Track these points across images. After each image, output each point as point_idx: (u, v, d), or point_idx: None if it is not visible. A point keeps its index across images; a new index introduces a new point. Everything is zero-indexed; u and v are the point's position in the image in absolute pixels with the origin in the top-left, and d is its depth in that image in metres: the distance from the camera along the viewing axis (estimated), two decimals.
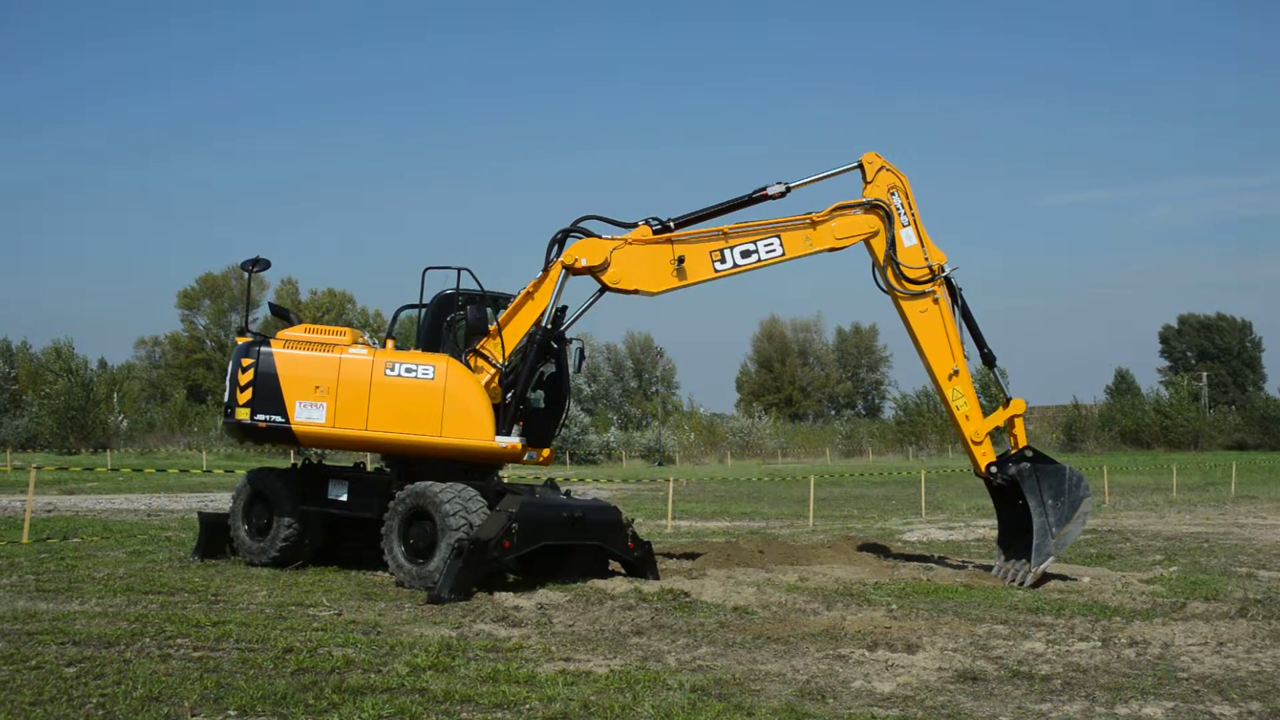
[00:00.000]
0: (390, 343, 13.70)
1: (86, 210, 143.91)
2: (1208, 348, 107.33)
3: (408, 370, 13.05)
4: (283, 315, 14.87)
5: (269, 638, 9.13)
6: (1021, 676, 8.10)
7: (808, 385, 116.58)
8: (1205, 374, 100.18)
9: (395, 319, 14.81)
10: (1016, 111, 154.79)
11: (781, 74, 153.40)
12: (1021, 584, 12.71)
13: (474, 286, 13.58)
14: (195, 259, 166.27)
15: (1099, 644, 9.30)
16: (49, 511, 23.16)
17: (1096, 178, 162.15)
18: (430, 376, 12.97)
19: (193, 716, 6.80)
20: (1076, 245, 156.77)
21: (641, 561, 13.21)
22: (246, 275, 14.74)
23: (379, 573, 12.97)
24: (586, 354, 15.20)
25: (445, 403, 12.89)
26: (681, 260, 13.41)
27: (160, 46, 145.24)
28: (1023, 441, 13.58)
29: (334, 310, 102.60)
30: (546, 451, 13.79)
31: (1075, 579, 13.23)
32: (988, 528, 21.47)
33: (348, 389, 13.14)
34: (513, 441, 12.95)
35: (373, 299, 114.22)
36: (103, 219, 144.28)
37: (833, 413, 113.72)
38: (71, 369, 72.15)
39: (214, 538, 14.41)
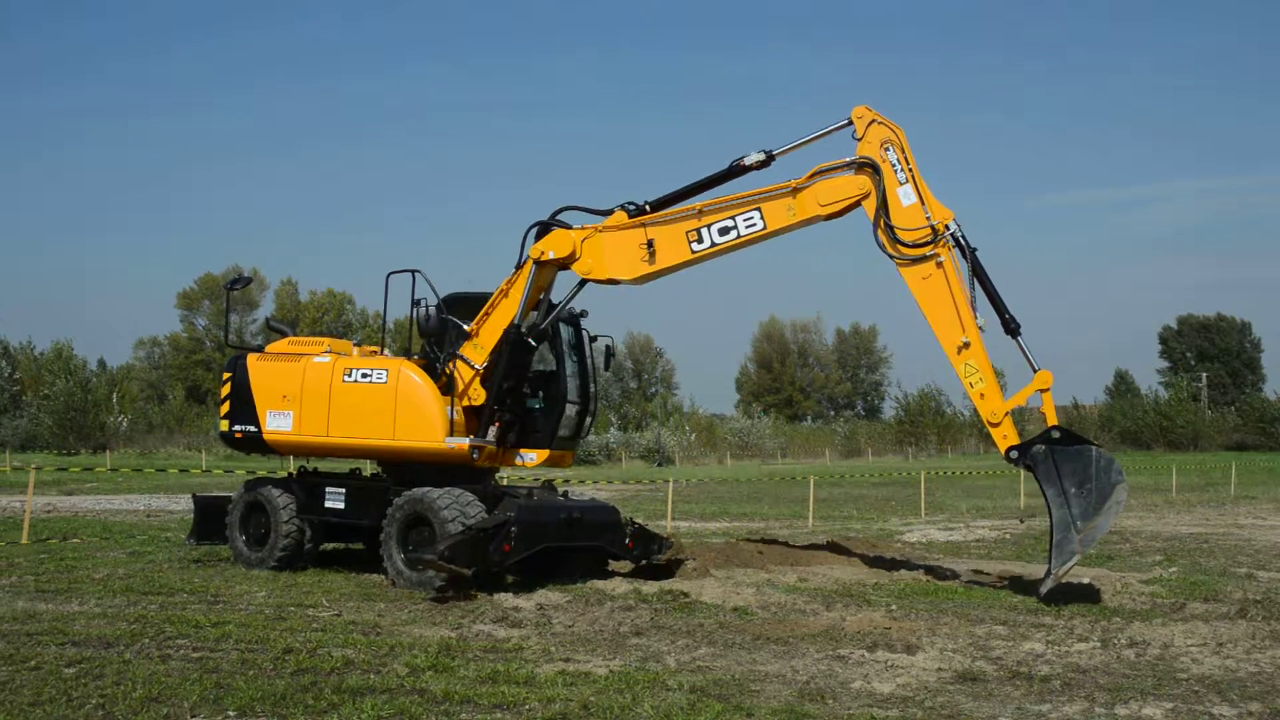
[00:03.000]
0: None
1: (88, 212, 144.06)
2: (1207, 348, 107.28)
3: (363, 375, 13.20)
4: (275, 329, 15.38)
5: (269, 638, 9.14)
6: (1021, 677, 8.10)
7: (807, 386, 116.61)
8: (1205, 375, 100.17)
9: (413, 328, 14.31)
10: (1016, 112, 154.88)
11: (778, 73, 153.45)
12: (1040, 594, 11.38)
13: (428, 288, 13.33)
14: (195, 260, 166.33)
15: (1098, 645, 9.30)
16: (48, 512, 23.16)
17: (1096, 178, 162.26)
18: (383, 380, 13.07)
19: (192, 717, 6.80)
20: (1076, 245, 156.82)
21: (643, 548, 13.28)
22: (227, 293, 15.45)
23: (378, 574, 12.96)
24: (615, 351, 14.81)
25: (397, 405, 12.95)
26: (651, 244, 12.75)
27: (167, 60, 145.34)
28: (1051, 420, 11.95)
29: (334, 311, 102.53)
30: (545, 453, 13.56)
31: (1076, 580, 13.20)
32: (987, 528, 21.49)
33: (311, 396, 13.45)
34: (460, 443, 12.72)
35: (373, 300, 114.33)
36: (104, 220, 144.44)
37: (832, 413, 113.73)
38: (71, 369, 72.13)
39: (209, 520, 14.53)
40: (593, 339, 14.19)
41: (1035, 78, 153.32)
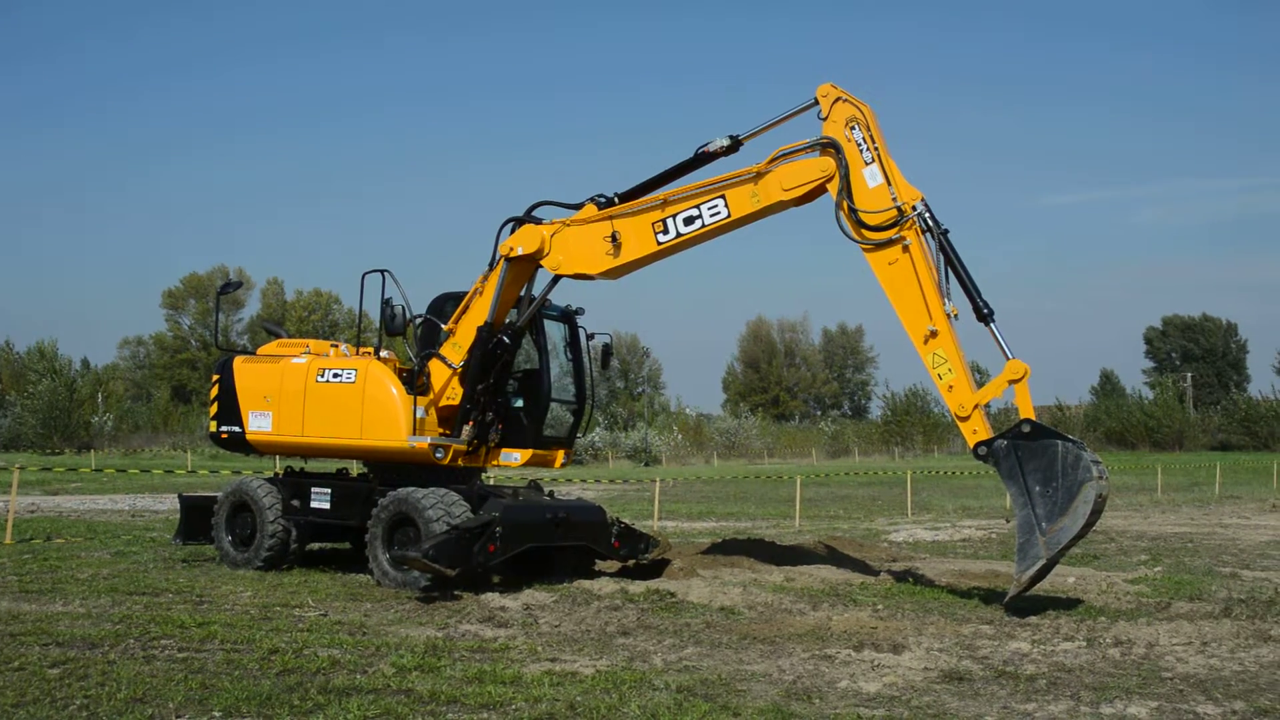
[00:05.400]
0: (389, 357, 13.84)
1: (71, 210, 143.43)
2: (1192, 349, 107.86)
3: (334, 375, 13.29)
4: (269, 331, 15.67)
5: (254, 638, 9.11)
6: (1007, 676, 8.12)
7: (794, 386, 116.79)
8: (1190, 375, 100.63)
9: (420, 329, 13.86)
10: (1006, 113, 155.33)
11: (771, 74, 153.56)
12: (1004, 602, 10.96)
13: (397, 288, 13.12)
14: (180, 259, 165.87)
15: (1084, 644, 9.33)
16: (32, 512, 23.04)
17: (1082, 179, 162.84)
18: (352, 380, 13.13)
19: (177, 717, 6.77)
20: (1062, 247, 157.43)
21: (630, 548, 13.32)
22: (218, 298, 16.27)
23: (364, 574, 12.93)
24: (613, 350, 14.56)
25: (364, 404, 12.98)
26: (615, 236, 12.44)
27: (151, 50, 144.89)
28: (1024, 413, 10.96)
29: (320, 310, 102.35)
30: (529, 452, 13.45)
31: (1061, 578, 13.25)
32: (973, 528, 21.54)
33: (288, 397, 13.61)
34: (421, 441, 12.70)
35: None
36: (87, 219, 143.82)
37: (819, 413, 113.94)
38: (55, 369, 71.86)
39: (195, 520, 14.51)
40: (590, 337, 14.16)
41: (1026, 79, 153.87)
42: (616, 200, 12.78)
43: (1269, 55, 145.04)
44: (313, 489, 13.76)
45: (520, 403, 13.68)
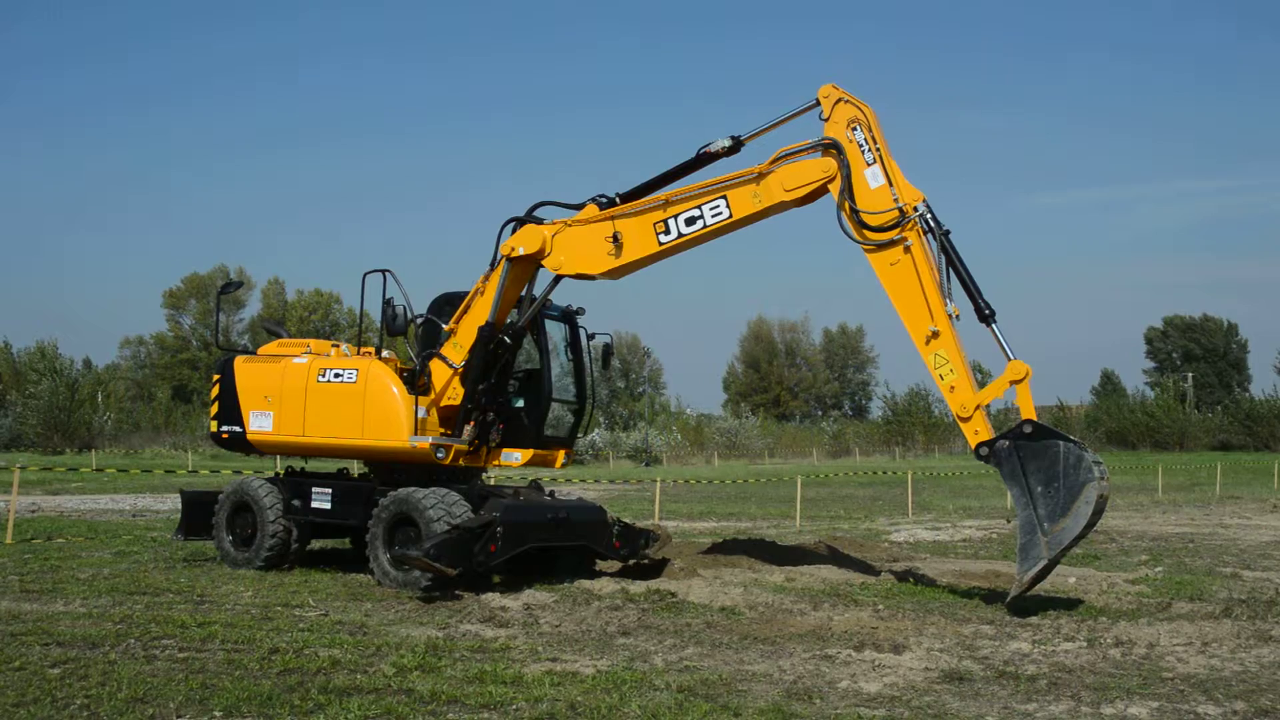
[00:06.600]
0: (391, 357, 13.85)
1: (72, 210, 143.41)
2: (1193, 349, 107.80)
3: (335, 375, 13.30)
4: (270, 331, 15.79)
5: (255, 638, 9.11)
6: (1007, 676, 8.12)
7: (795, 386, 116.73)
8: (1191, 375, 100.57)
9: (421, 329, 13.88)
10: (1002, 113, 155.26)
11: (767, 78, 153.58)
12: (1006, 602, 10.99)
13: (398, 288, 13.15)
14: (181, 259, 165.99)
15: (1084, 644, 9.33)
16: (33, 512, 23.04)
17: (1083, 178, 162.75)
18: (353, 380, 13.13)
19: (178, 717, 6.78)
20: (1062, 245, 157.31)
21: (630, 547, 13.32)
22: (218, 297, 16.41)
23: (365, 574, 12.93)
24: (614, 350, 14.60)
25: (365, 404, 12.99)
26: (617, 237, 12.44)
27: (150, 58, 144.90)
28: (1026, 413, 10.95)
29: (321, 310, 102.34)
30: (529, 452, 13.44)
31: (1061, 578, 13.24)
32: (974, 528, 21.54)
33: (289, 396, 13.61)
34: (422, 442, 12.66)
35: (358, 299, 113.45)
36: (88, 219, 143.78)
37: (819, 413, 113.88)
38: (56, 369, 71.83)
39: (196, 516, 14.50)
40: (591, 337, 14.16)
41: (1021, 77, 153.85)
42: (618, 200, 12.77)
43: (1269, 57, 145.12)
44: (313, 489, 13.76)
45: (521, 403, 13.68)
